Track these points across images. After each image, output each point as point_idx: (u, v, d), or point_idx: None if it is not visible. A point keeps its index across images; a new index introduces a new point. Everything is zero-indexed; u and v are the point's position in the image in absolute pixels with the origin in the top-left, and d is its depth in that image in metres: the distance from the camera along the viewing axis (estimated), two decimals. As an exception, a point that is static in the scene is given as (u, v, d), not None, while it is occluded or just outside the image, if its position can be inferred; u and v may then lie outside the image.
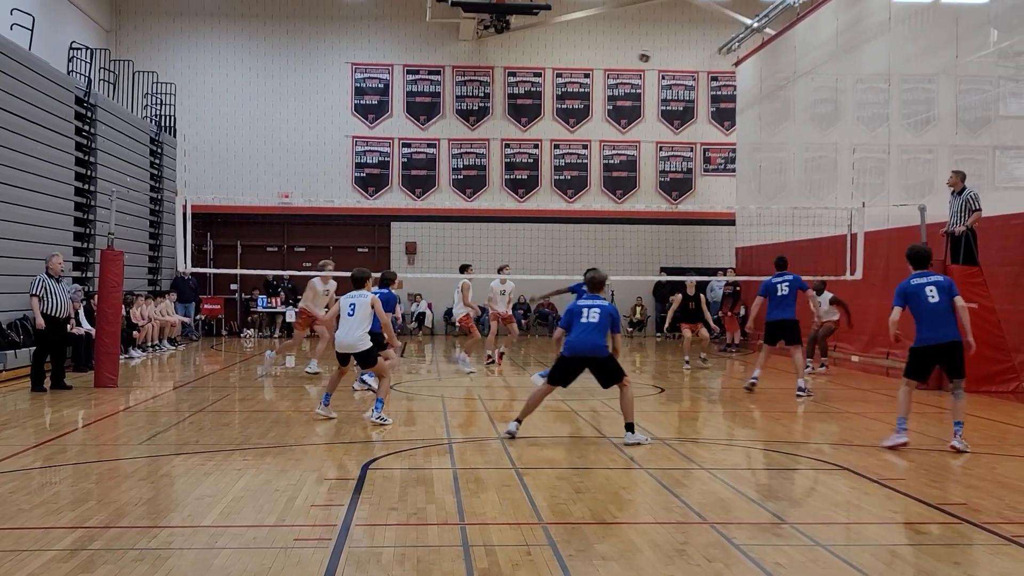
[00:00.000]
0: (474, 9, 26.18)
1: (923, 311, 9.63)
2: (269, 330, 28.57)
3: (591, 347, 9.79)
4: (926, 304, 9.60)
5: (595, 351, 9.80)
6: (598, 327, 9.78)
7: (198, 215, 19.81)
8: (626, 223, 29.13)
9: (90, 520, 6.57)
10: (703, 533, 6.41)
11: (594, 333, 9.77)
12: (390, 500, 7.27)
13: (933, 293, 9.62)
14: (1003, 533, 6.37)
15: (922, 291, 9.65)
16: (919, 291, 9.67)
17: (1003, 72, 15.75)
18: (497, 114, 30.42)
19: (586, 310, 9.87)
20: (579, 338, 9.80)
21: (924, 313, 9.62)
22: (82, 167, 21.43)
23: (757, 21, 26.65)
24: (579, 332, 9.81)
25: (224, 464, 8.63)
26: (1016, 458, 9.19)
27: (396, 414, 12.08)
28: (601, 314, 9.82)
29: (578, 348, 9.81)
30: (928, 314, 9.59)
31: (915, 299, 9.69)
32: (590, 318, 9.80)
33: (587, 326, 9.78)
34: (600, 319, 9.79)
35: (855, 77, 20.60)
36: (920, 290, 9.67)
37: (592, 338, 9.78)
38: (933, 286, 9.65)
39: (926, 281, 9.70)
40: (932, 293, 9.62)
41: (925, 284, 9.68)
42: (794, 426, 11.59)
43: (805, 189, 23.00)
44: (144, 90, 27.13)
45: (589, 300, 10.06)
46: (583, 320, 9.82)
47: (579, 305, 9.99)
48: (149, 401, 13.58)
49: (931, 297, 9.60)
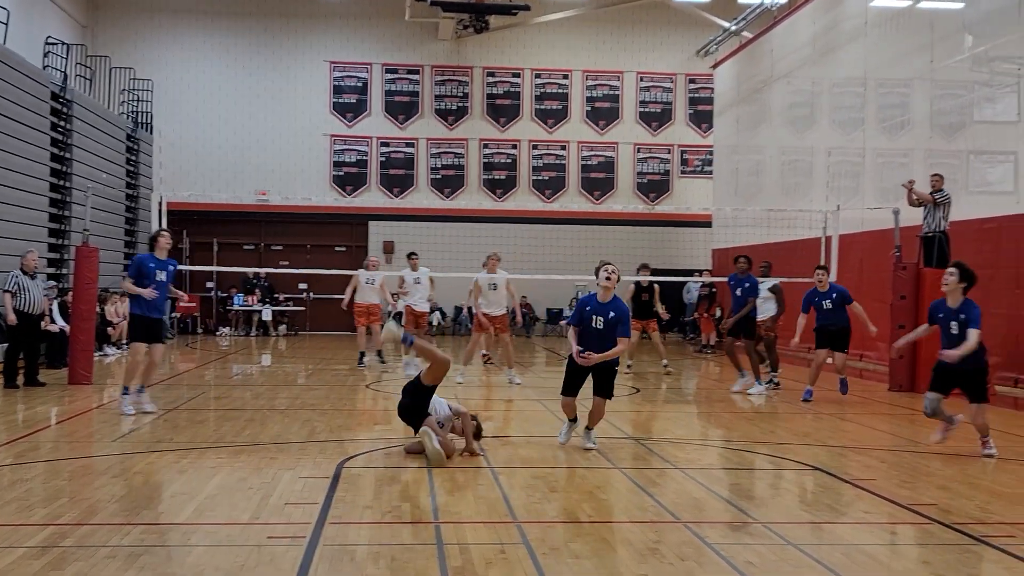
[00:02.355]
0: (453, 9, 26.19)
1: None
2: (246, 328, 28.46)
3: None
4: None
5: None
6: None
7: (174, 212, 19.70)
8: (603, 224, 29.19)
9: (62, 517, 6.53)
10: (676, 532, 6.44)
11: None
12: (364, 498, 7.27)
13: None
14: (973, 533, 6.43)
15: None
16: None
17: (977, 77, 15.89)
18: (476, 114, 30.43)
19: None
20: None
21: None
22: (57, 163, 21.29)
23: (735, 24, 26.78)
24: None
25: (198, 462, 8.59)
26: (986, 459, 9.28)
27: (372, 413, 12.08)
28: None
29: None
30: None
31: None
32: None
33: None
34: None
35: (831, 81, 20.74)
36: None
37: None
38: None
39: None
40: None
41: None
42: (767, 426, 11.66)
43: (781, 192, 23.13)
44: (121, 86, 26.98)
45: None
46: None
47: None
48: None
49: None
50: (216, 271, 27.21)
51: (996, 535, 6.37)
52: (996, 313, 14.65)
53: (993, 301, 14.67)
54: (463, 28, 28.24)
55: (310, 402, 13.37)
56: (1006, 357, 14.49)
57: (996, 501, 7.45)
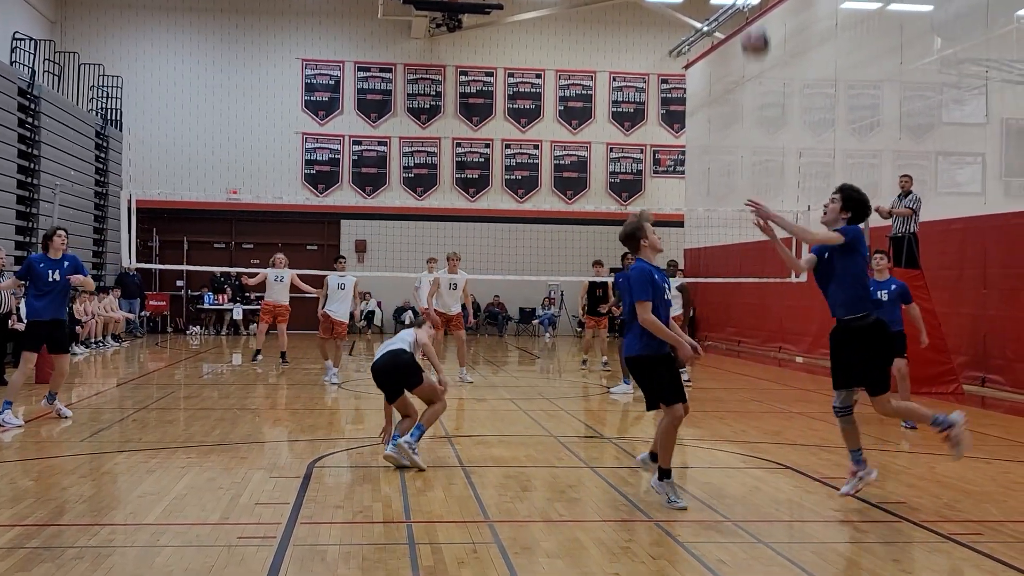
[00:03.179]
0: (426, 7, 26.17)
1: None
2: (216, 328, 28.27)
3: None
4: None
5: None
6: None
7: (144, 210, 19.52)
8: (576, 223, 29.24)
9: (28, 518, 6.45)
10: (648, 531, 6.46)
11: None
12: (336, 498, 7.24)
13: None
14: (941, 531, 6.49)
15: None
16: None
17: (946, 79, 16.06)
18: (448, 113, 30.39)
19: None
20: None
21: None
22: (25, 160, 21.05)
23: (707, 25, 26.90)
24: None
25: (167, 462, 8.52)
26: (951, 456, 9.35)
27: (344, 412, 12.03)
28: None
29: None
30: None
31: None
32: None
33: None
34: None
35: (802, 82, 20.89)
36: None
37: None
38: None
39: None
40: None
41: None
42: (739, 425, 11.72)
43: (753, 192, 23.21)
44: (90, 83, 26.72)
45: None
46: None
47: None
48: (92, 398, 13.38)
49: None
50: (186, 269, 27.00)
51: (964, 533, 6.43)
52: (963, 313, 14.82)
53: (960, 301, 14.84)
54: (436, 27, 28.21)
55: (281, 401, 13.30)
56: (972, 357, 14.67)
57: (964, 499, 7.52)
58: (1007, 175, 14.65)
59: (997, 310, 14.20)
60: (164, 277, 28.70)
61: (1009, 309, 13.93)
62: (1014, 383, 13.56)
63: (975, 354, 14.57)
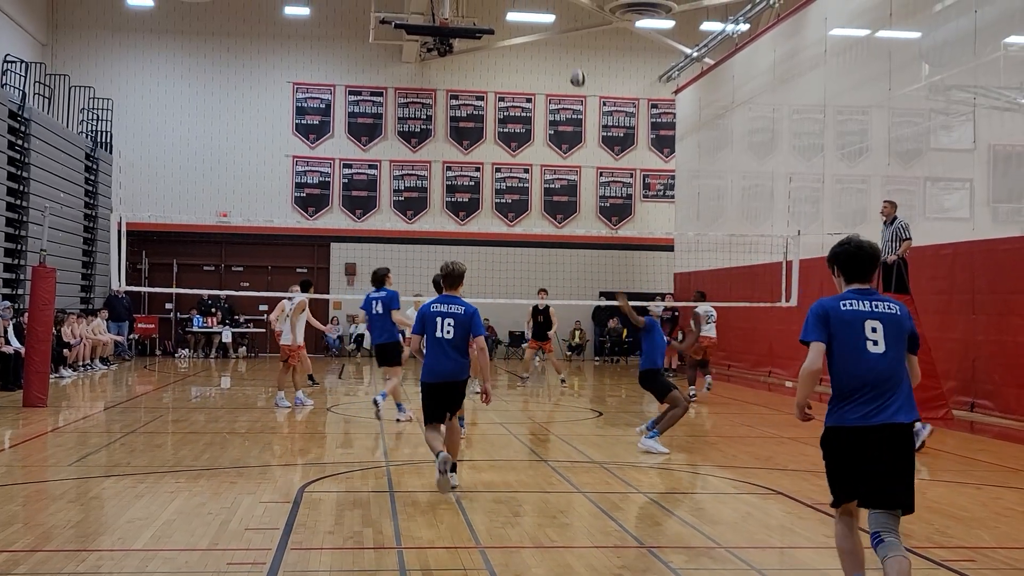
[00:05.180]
0: (417, 32, 26.23)
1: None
2: (205, 351, 28.18)
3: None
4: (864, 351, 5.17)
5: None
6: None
7: (133, 233, 19.51)
8: (566, 247, 29.27)
9: (16, 543, 6.40)
10: (640, 557, 6.43)
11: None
12: (326, 524, 7.20)
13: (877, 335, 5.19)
14: (933, 557, 6.48)
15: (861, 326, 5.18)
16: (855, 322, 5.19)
17: (934, 105, 16.16)
18: (439, 136, 30.46)
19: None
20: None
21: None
22: (14, 182, 21.02)
23: (696, 51, 27.05)
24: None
25: (156, 486, 8.47)
26: (945, 484, 9.37)
27: (333, 436, 11.99)
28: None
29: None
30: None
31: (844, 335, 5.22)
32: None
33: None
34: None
35: (791, 107, 21.00)
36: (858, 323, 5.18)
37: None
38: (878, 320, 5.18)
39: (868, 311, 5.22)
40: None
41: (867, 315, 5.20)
42: (730, 451, 11.70)
43: (742, 216, 23.33)
44: (80, 105, 26.72)
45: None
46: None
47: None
48: (79, 422, 13.30)
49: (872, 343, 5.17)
50: (175, 292, 26.92)
51: (956, 559, 6.42)
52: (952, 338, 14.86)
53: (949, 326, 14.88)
54: (427, 51, 28.29)
55: (270, 425, 13.24)
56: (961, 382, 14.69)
57: (955, 525, 7.52)
58: (995, 201, 14.73)
59: (986, 335, 14.23)
60: (153, 300, 28.60)
61: (998, 334, 13.96)
62: (1004, 408, 13.58)
63: (964, 379, 14.59)
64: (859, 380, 5.05)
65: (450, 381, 8.36)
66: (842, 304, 5.23)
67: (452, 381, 8.37)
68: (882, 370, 5.04)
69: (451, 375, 8.34)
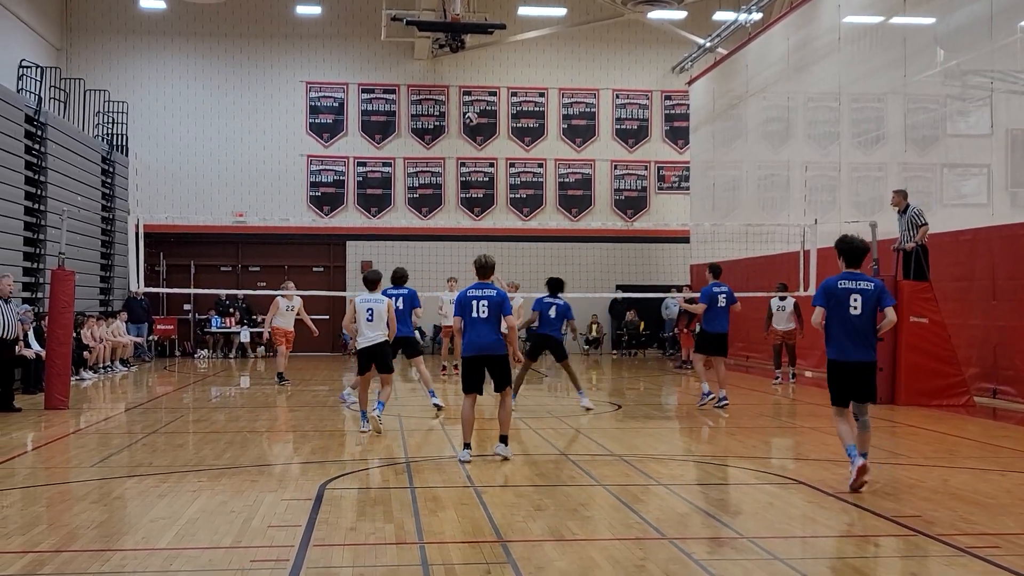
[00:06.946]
0: (429, 28, 26.23)
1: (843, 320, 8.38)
2: (224, 351, 28.29)
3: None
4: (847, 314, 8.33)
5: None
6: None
7: (151, 234, 19.58)
8: (581, 241, 29.24)
9: (41, 544, 6.44)
10: (662, 549, 6.42)
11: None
12: (348, 520, 7.21)
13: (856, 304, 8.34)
14: (957, 544, 6.44)
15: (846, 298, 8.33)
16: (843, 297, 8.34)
17: (950, 91, 16.06)
18: (452, 133, 30.46)
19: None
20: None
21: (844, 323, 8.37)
22: (32, 186, 21.14)
23: (709, 41, 26.97)
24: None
25: (178, 486, 8.51)
26: (968, 470, 9.32)
27: (351, 434, 12.02)
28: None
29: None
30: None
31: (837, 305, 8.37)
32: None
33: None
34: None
35: (806, 96, 20.91)
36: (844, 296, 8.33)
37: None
38: (858, 294, 8.32)
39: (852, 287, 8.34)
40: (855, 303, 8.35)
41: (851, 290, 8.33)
42: (750, 441, 11.67)
43: (758, 206, 23.26)
44: (95, 108, 26.85)
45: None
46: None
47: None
48: (101, 423, 13.38)
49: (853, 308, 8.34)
50: (193, 293, 27.04)
51: (981, 546, 6.39)
52: (972, 325, 14.78)
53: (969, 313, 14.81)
54: (439, 47, 28.28)
55: (290, 423, 13.29)
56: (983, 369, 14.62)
57: (979, 512, 7.48)
58: (1013, 186, 14.64)
59: (1007, 321, 14.15)
60: (171, 301, 28.72)
61: (1019, 320, 13.89)
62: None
63: (986, 365, 14.52)
64: (843, 331, 8.35)
65: (487, 354, 9.77)
66: (839, 283, 8.40)
67: (489, 354, 9.78)
68: (857, 326, 8.32)
69: (487, 348, 9.76)
